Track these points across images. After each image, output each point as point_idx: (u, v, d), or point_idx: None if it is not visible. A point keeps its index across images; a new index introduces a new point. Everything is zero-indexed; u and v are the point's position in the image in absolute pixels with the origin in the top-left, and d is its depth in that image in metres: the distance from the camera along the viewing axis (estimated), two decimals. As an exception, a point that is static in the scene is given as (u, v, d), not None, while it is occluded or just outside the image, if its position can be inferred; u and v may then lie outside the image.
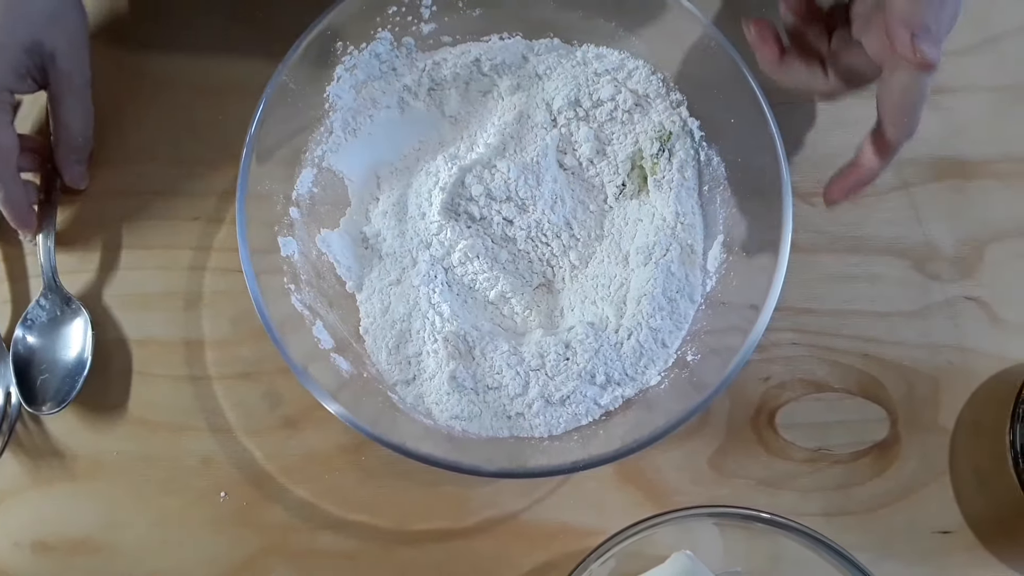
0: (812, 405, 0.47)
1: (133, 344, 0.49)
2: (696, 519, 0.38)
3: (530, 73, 0.49)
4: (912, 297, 0.50)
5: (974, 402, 0.47)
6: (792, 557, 0.38)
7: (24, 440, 0.47)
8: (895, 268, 0.50)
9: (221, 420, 0.47)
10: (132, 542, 0.46)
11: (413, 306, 0.45)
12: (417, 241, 0.46)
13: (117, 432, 0.47)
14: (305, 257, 0.46)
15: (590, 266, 0.47)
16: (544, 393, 0.43)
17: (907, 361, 0.48)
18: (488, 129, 0.48)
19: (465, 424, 0.44)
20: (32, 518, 0.46)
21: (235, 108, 0.51)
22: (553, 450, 0.43)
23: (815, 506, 0.46)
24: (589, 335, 0.44)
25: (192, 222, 0.50)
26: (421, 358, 0.45)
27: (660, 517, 0.37)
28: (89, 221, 0.50)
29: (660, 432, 0.40)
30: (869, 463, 0.47)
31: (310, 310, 0.44)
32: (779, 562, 0.40)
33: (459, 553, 0.45)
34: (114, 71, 0.53)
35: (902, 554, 0.45)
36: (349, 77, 0.47)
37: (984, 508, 0.46)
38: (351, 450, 0.46)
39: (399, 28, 0.48)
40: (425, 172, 0.47)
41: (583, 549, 0.45)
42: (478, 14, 0.48)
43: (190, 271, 0.49)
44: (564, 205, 0.46)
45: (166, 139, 0.51)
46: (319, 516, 0.46)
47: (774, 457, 0.47)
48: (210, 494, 0.46)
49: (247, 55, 0.52)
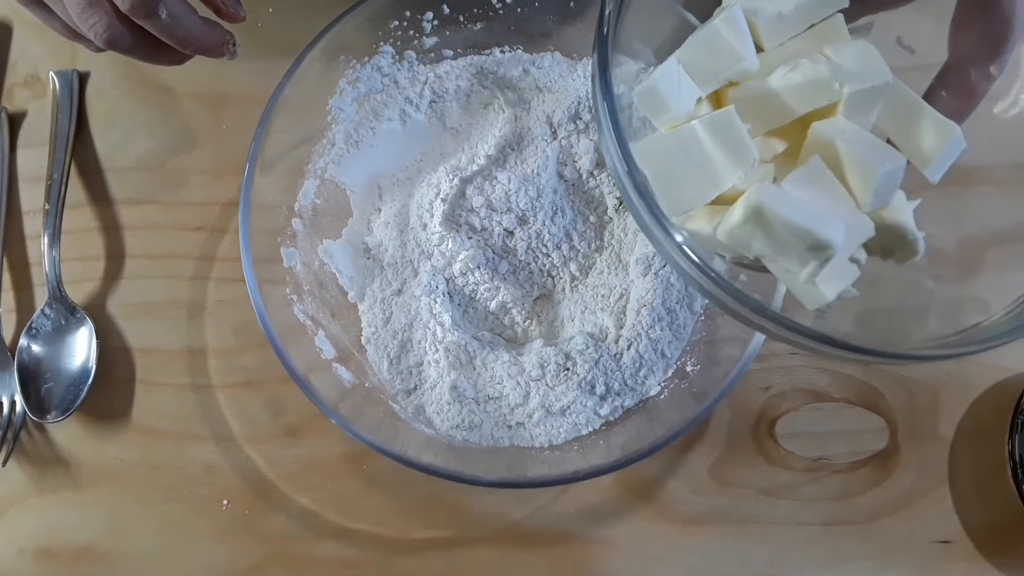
0: (812, 415, 0.47)
1: (137, 353, 0.49)
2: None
3: (531, 86, 0.49)
4: (911, 307, 0.50)
5: (973, 412, 0.47)
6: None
7: (28, 448, 0.48)
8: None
9: (224, 428, 0.47)
10: (135, 550, 0.46)
11: (414, 316, 0.46)
12: (418, 252, 0.47)
13: (121, 440, 0.48)
14: (307, 267, 0.46)
15: (590, 277, 0.47)
16: (544, 403, 0.44)
17: (906, 371, 0.48)
18: (489, 141, 0.48)
19: (466, 434, 0.44)
20: (36, 526, 0.47)
21: (239, 119, 0.52)
22: (553, 460, 0.43)
23: (815, 516, 0.46)
24: (589, 346, 0.44)
25: (196, 232, 0.50)
26: (422, 368, 0.45)
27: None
28: (94, 231, 0.51)
29: (660, 442, 0.41)
30: (869, 473, 0.47)
31: (312, 320, 0.45)
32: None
33: (460, 562, 0.46)
34: (119, 81, 0.53)
35: (902, 563, 0.45)
36: (351, 90, 0.48)
37: (983, 518, 0.46)
38: (353, 459, 0.47)
39: (401, 42, 0.48)
40: (427, 183, 0.48)
41: (584, 558, 0.45)
42: (479, 28, 0.48)
43: (193, 281, 0.50)
44: (564, 216, 0.47)
45: (170, 149, 0.52)
46: (321, 524, 0.46)
47: (774, 466, 0.47)
48: (213, 502, 0.46)
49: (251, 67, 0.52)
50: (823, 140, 0.33)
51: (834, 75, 0.33)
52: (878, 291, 0.35)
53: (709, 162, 0.32)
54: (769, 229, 0.30)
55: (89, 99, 0.53)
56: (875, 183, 0.32)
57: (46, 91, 0.53)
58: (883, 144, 0.34)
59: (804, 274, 0.31)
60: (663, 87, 0.33)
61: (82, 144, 0.52)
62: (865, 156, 0.32)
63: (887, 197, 0.33)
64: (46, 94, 0.53)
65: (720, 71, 0.34)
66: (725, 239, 0.32)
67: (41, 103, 0.53)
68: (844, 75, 0.33)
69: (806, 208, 0.30)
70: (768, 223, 0.30)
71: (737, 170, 0.32)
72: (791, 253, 0.30)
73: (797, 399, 0.48)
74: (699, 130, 0.32)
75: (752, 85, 0.34)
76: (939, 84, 0.36)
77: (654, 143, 0.33)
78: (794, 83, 0.33)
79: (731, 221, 0.31)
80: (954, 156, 0.35)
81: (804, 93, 0.33)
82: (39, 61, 0.54)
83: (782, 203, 0.30)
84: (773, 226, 0.30)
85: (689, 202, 0.33)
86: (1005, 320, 0.34)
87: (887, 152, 0.33)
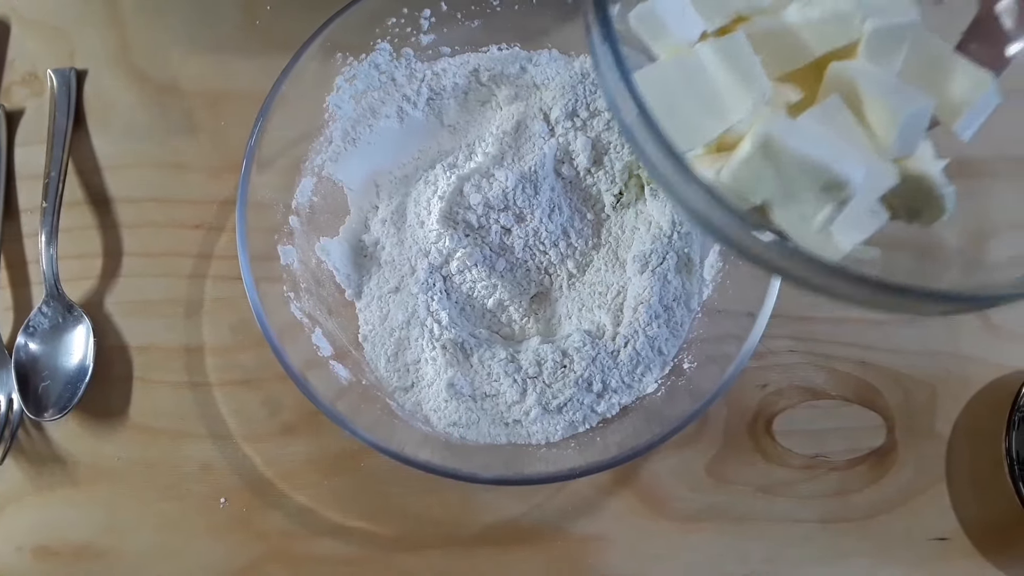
0: (809, 412, 0.48)
1: (134, 351, 0.49)
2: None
3: (528, 83, 0.49)
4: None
5: (971, 409, 0.47)
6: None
7: (26, 446, 0.48)
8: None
9: (221, 426, 0.47)
10: (133, 548, 0.46)
11: (412, 314, 0.46)
12: (416, 249, 0.47)
13: (118, 438, 0.48)
14: (304, 265, 0.46)
15: (587, 274, 0.48)
16: (541, 400, 0.44)
17: (904, 368, 0.48)
18: (486, 139, 0.48)
19: (463, 431, 0.44)
20: (34, 524, 0.47)
21: (236, 117, 0.52)
22: (551, 457, 0.43)
23: (812, 513, 0.46)
24: (586, 343, 0.44)
25: (193, 230, 0.50)
26: (419, 365, 0.45)
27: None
28: (91, 229, 0.51)
29: (657, 439, 0.40)
30: (866, 470, 0.47)
31: (309, 318, 0.45)
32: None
33: (458, 559, 0.46)
34: (117, 78, 0.53)
35: (899, 560, 0.46)
36: (349, 87, 0.48)
37: (981, 515, 0.46)
38: (350, 456, 0.47)
39: (398, 39, 0.48)
40: (424, 181, 0.48)
41: (581, 555, 0.45)
42: (477, 25, 0.48)
43: (191, 279, 0.50)
44: (561, 214, 0.47)
45: (168, 147, 0.52)
46: (318, 522, 0.46)
47: (771, 464, 0.47)
48: (210, 500, 0.46)
49: (248, 64, 0.52)
50: (842, 80, 0.30)
51: (855, 9, 0.30)
52: (898, 259, 0.32)
53: (715, 92, 0.29)
54: (779, 165, 0.27)
55: (87, 97, 0.53)
56: (900, 124, 0.29)
57: (44, 89, 0.53)
58: (908, 86, 0.30)
59: (819, 219, 0.28)
60: (663, 10, 0.30)
61: (80, 142, 0.52)
62: (889, 96, 0.29)
63: (913, 144, 0.30)
64: (44, 92, 0.53)
65: (729, 2, 0.31)
66: (730, 179, 0.28)
67: (39, 101, 0.53)
68: (866, 9, 0.30)
69: (821, 141, 0.27)
70: (777, 157, 0.27)
71: (747, 99, 0.29)
72: (803, 194, 0.27)
73: (794, 396, 0.48)
74: (705, 55, 0.29)
75: (764, 20, 0.31)
76: (969, 36, 0.33)
77: (654, 72, 0.30)
78: (811, 18, 0.30)
79: (738, 155, 0.28)
80: (988, 111, 0.32)
81: (822, 29, 0.30)
82: (37, 59, 0.54)
83: (794, 135, 0.27)
84: (783, 161, 0.27)
85: (694, 138, 0.29)
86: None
87: (913, 93, 0.30)
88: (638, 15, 0.31)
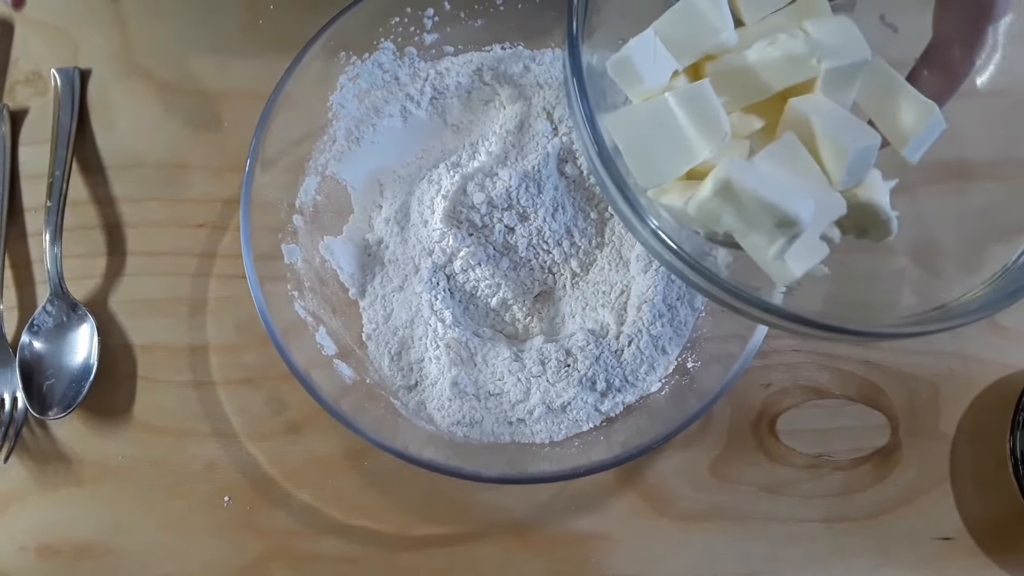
0: (813, 411, 0.47)
1: (138, 350, 0.49)
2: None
3: (531, 82, 0.49)
4: (912, 304, 0.50)
5: (975, 409, 0.47)
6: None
7: (30, 445, 0.48)
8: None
9: (225, 425, 0.48)
10: (137, 546, 0.46)
11: (415, 313, 0.46)
12: (419, 248, 0.47)
13: (122, 437, 0.48)
14: (308, 264, 0.46)
15: (591, 273, 0.48)
16: (545, 399, 0.44)
17: (908, 368, 0.48)
18: (490, 138, 0.48)
19: (467, 430, 0.44)
20: (38, 522, 0.47)
21: (240, 116, 0.52)
22: (554, 456, 0.43)
23: (816, 512, 0.46)
24: (590, 342, 0.44)
25: (197, 229, 0.51)
26: (423, 364, 0.45)
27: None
28: (95, 228, 0.51)
29: (661, 438, 0.41)
30: (870, 469, 0.47)
31: (313, 317, 0.45)
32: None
33: (461, 558, 0.46)
34: (121, 78, 0.53)
35: (903, 560, 0.45)
36: (352, 86, 0.48)
37: (984, 514, 0.46)
38: (354, 455, 0.47)
39: (402, 38, 0.48)
40: (427, 180, 0.48)
41: (584, 554, 0.45)
42: (480, 24, 0.48)
43: (195, 277, 0.50)
44: (565, 213, 0.47)
45: (172, 146, 0.52)
46: (322, 521, 0.46)
47: (775, 463, 0.47)
48: (214, 498, 0.47)
49: (252, 63, 0.53)
50: (799, 116, 0.33)
51: (811, 50, 0.33)
52: (851, 270, 0.35)
53: (682, 135, 0.32)
54: (738, 203, 0.30)
55: (91, 96, 0.53)
56: (848, 160, 0.32)
57: (48, 88, 0.53)
58: (859, 122, 0.34)
59: (773, 250, 0.31)
60: (637, 58, 0.33)
61: (83, 141, 0.52)
62: (839, 133, 0.32)
63: (860, 175, 0.33)
64: (48, 91, 0.53)
65: (697, 44, 0.34)
66: (695, 213, 0.31)
67: (43, 100, 0.53)
68: (822, 51, 0.33)
69: (775, 183, 0.30)
70: (737, 197, 0.30)
71: (709, 143, 0.32)
72: (760, 228, 0.30)
73: (798, 396, 0.48)
74: (671, 102, 0.32)
75: (729, 59, 0.34)
76: (922, 63, 0.36)
77: (627, 115, 0.33)
78: (771, 58, 0.33)
79: (701, 195, 0.31)
80: (933, 137, 0.35)
81: (781, 68, 0.33)
82: (41, 58, 0.54)
83: (751, 177, 0.30)
84: (742, 200, 0.30)
85: (662, 175, 0.33)
86: (982, 294, 0.34)
87: (862, 129, 0.33)
88: (614, 64, 0.33)
